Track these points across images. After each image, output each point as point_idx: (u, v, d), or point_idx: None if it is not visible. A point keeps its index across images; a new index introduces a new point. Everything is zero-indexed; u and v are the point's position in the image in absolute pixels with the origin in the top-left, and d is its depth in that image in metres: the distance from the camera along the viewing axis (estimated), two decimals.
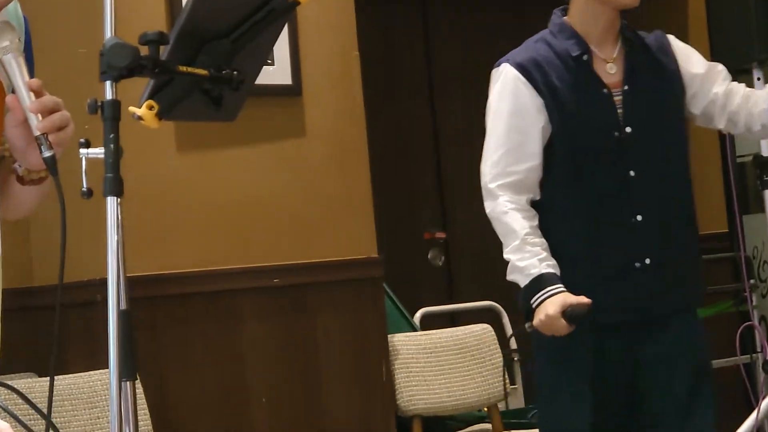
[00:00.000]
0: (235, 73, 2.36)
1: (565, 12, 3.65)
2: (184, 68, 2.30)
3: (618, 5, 3.56)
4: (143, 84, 2.32)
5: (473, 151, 6.42)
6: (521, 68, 3.56)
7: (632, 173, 3.56)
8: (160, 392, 4.44)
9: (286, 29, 4.58)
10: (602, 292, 3.49)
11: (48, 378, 4.06)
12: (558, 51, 3.60)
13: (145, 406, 4.18)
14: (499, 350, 5.15)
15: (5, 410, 2.09)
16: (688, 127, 3.81)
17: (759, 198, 5.26)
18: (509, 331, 5.63)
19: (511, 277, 3.57)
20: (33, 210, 2.54)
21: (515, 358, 5.60)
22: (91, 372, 3.98)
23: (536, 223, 3.56)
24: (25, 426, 2.13)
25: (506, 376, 5.25)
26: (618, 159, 3.57)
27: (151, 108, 2.28)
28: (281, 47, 4.79)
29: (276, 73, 4.77)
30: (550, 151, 3.60)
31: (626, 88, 3.58)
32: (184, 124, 4.32)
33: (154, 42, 2.26)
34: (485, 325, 5.16)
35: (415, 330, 5.37)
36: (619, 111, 3.57)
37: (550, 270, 3.48)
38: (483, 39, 6.49)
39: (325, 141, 4.96)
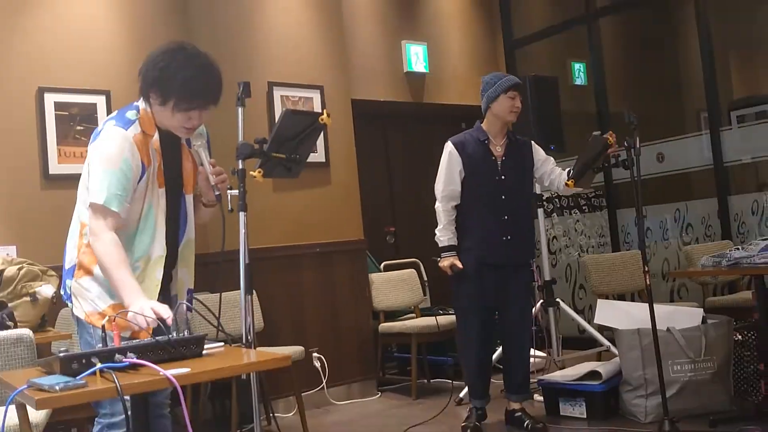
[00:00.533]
0: (297, 156, 2.67)
1: (482, 121, 3.83)
2: (275, 154, 2.64)
3: (505, 121, 3.75)
4: (256, 161, 2.68)
5: (410, 190, 6.51)
6: (454, 144, 3.77)
7: (503, 197, 3.76)
8: (266, 302, 4.77)
9: (322, 135, 4.99)
10: (487, 250, 3.75)
11: (216, 294, 4.07)
12: (474, 138, 3.78)
13: (259, 308, 4.64)
14: (419, 281, 5.62)
15: (195, 311, 2.21)
16: (533, 180, 3.92)
17: None
18: (423, 273, 5.81)
19: (436, 240, 3.82)
20: (208, 220, 2.52)
21: (426, 284, 5.82)
22: (234, 291, 4.26)
23: (452, 218, 3.77)
24: (205, 318, 2.34)
25: (422, 292, 5.59)
26: (496, 190, 3.76)
27: (259, 172, 2.67)
28: (320, 143, 5.22)
29: (317, 156, 5.24)
30: (464, 183, 3.78)
31: (504, 158, 3.78)
32: (275, 179, 4.54)
33: (261, 142, 2.64)
34: (412, 270, 5.63)
35: (381, 272, 5.66)
36: (499, 168, 3.78)
37: (453, 243, 3.76)
38: (415, 144, 6.48)
39: (339, 187, 5.35)
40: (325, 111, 2.67)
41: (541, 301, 4.76)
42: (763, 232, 5.16)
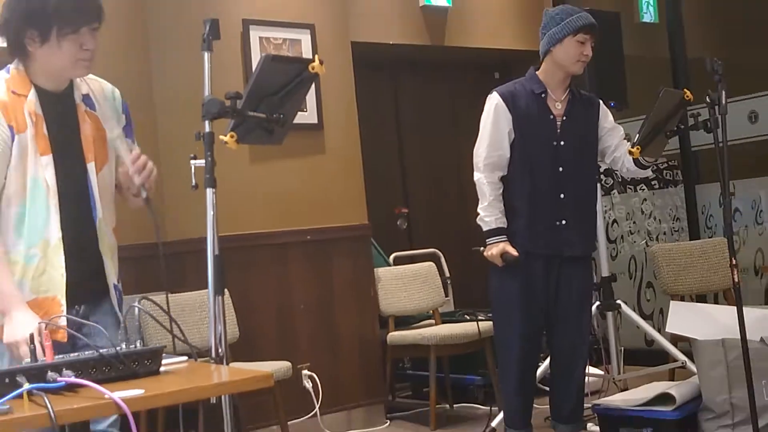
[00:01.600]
0: (281, 116, 2.62)
1: (537, 68, 3.86)
2: (251, 113, 2.59)
3: (568, 72, 3.78)
4: (227, 122, 2.63)
5: (426, 161, 6.68)
6: (502, 95, 3.81)
7: (561, 168, 3.81)
8: (242, 304, 4.83)
9: (313, 88, 4.86)
10: (535, 237, 3.82)
11: (175, 294, 4.10)
12: (527, 89, 3.82)
13: (233, 311, 4.65)
14: (439, 277, 5.72)
15: (149, 315, 2.27)
16: (597, 149, 3.98)
17: None
18: (445, 267, 5.94)
19: (478, 221, 3.83)
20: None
21: (448, 282, 5.94)
22: (199, 291, 4.43)
23: (500, 192, 3.81)
24: (162, 325, 2.29)
25: (443, 292, 5.66)
26: (554, 159, 3.80)
27: (232, 137, 2.61)
28: (310, 99, 5.20)
29: (307, 115, 5.22)
30: (513, 147, 3.80)
31: (564, 118, 3.82)
32: (253, 146, 4.72)
33: (233, 98, 2.56)
34: (431, 263, 5.74)
35: (389, 266, 5.77)
36: (558, 130, 3.82)
37: (501, 225, 3.79)
38: (434, 100, 6.69)
39: (336, 157, 5.40)
40: (316, 57, 2.65)
41: (598, 303, 4.80)
42: None
